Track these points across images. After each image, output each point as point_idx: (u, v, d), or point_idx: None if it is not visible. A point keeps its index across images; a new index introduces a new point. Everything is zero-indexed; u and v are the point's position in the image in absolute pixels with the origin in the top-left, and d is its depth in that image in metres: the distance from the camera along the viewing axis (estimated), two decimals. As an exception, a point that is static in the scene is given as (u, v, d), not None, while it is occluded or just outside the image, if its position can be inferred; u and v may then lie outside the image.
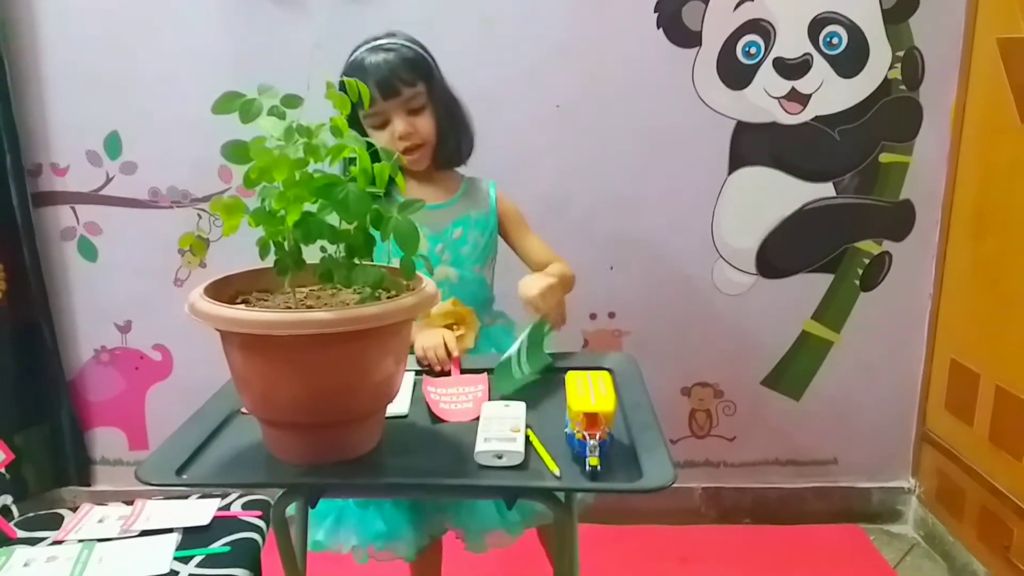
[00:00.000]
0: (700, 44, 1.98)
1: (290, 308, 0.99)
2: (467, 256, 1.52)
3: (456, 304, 1.46)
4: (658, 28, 1.97)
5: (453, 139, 1.53)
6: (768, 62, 1.99)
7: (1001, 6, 1.83)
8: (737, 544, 2.15)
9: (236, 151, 0.95)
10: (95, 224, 2.12)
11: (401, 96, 1.43)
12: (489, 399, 1.22)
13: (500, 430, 1.06)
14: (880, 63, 1.99)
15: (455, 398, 1.24)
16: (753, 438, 2.23)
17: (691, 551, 2.11)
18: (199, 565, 1.27)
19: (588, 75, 2.00)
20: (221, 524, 1.38)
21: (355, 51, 1.46)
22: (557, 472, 1.00)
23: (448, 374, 1.35)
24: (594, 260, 2.10)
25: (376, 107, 1.42)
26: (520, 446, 1.02)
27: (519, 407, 1.15)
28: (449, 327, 1.44)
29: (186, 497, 1.48)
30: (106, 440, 2.28)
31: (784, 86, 2.00)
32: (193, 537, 1.34)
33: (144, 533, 1.34)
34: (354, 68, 1.43)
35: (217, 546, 1.31)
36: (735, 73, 2.00)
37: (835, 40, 1.97)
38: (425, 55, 1.48)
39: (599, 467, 0.98)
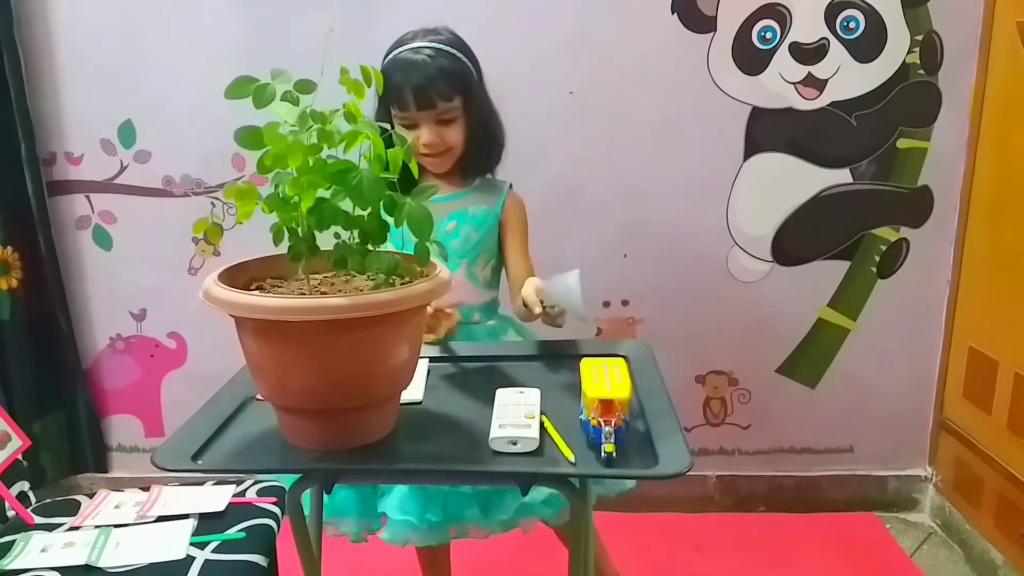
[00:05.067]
0: (715, 29, 1.96)
1: (304, 294, 0.99)
2: (455, 249, 1.51)
3: None
4: (672, 13, 1.95)
5: (483, 152, 1.53)
6: (784, 47, 1.97)
7: (1022, -12, 1.80)
8: (752, 532, 2.15)
9: (249, 137, 0.95)
10: (110, 213, 2.13)
11: (436, 109, 1.42)
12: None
13: (515, 416, 1.05)
14: (898, 47, 1.96)
15: None
16: (768, 426, 2.22)
17: (706, 539, 2.11)
18: (215, 551, 1.27)
19: (601, 61, 1.99)
20: (236, 510, 1.38)
21: (397, 47, 1.44)
22: (572, 458, 1.00)
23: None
24: (608, 248, 2.09)
25: (408, 112, 1.42)
26: (535, 432, 1.02)
27: (534, 393, 1.14)
28: None
29: (201, 483, 1.48)
30: (122, 427, 2.29)
31: (800, 71, 1.98)
32: (209, 523, 1.34)
33: (160, 519, 1.35)
34: (394, 67, 1.41)
35: (232, 532, 1.32)
36: (750, 58, 1.98)
37: (852, 24, 1.95)
38: (467, 64, 1.46)
39: (614, 454, 0.97)
